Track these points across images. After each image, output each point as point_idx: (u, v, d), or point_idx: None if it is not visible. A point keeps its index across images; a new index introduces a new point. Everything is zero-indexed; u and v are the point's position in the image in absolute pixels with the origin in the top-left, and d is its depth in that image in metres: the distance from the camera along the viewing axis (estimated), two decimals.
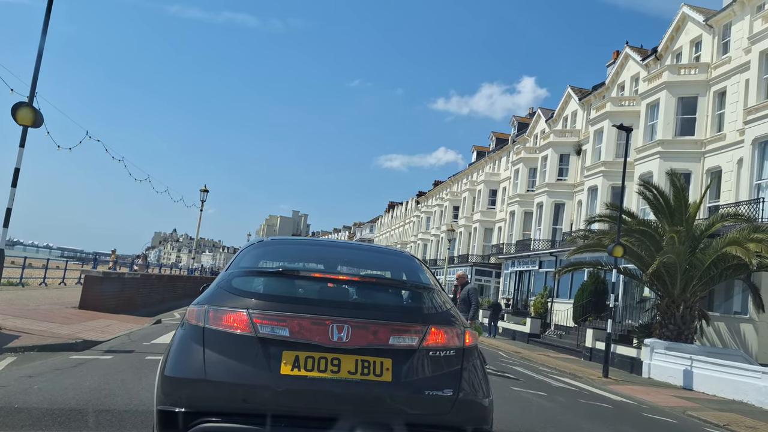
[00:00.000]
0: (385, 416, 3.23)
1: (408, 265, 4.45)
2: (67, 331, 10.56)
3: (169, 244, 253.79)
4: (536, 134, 44.23)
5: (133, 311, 16.34)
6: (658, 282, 18.79)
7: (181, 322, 3.59)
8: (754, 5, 22.95)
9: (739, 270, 17.37)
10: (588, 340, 22.33)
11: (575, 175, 35.76)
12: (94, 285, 15.03)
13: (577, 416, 8.91)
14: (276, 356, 3.21)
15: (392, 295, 3.84)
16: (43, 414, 5.07)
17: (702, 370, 15.49)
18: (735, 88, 23.18)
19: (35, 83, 10.33)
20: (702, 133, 24.46)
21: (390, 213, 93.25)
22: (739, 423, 10.71)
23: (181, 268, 66.20)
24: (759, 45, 20.67)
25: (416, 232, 70.66)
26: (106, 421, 5.09)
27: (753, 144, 20.13)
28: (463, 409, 3.39)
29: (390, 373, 3.28)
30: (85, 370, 7.42)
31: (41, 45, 10.46)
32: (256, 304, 3.38)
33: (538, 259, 35.85)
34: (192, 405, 3.15)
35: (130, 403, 5.81)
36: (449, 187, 64.35)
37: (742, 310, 19.69)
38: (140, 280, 19.47)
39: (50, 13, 10.62)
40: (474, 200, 52.51)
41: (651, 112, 26.56)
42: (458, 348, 3.52)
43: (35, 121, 9.99)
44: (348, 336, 3.28)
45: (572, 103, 38.96)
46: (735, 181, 22.16)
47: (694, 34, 26.80)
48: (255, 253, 4.32)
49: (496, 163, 52.30)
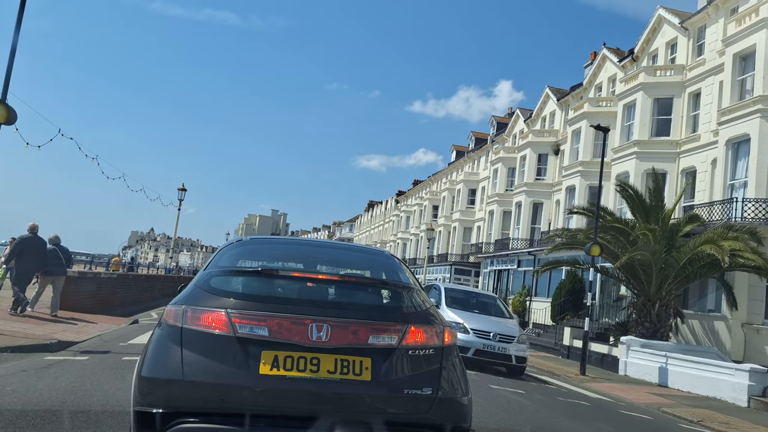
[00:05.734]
0: (365, 415, 3.24)
1: (388, 265, 4.46)
2: (42, 331, 10.39)
3: (147, 243, 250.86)
4: (515, 134, 44.52)
5: (110, 311, 16.12)
6: (634, 280, 19.04)
7: (159, 322, 3.56)
8: (728, 8, 23.35)
9: (713, 268, 17.68)
10: (566, 338, 22.54)
11: (553, 174, 36.07)
12: (69, 285, 14.75)
13: (555, 414, 9.00)
14: (255, 356, 3.20)
15: (372, 295, 3.85)
16: (17, 416, 4.98)
17: (677, 368, 15.72)
18: (709, 90, 23.56)
19: (8, 80, 10.14)
20: (677, 133, 24.83)
21: (369, 212, 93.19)
22: (712, 419, 10.89)
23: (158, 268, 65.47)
24: (733, 47, 21.02)
25: (396, 231, 70.72)
26: (81, 423, 5.02)
27: (727, 145, 20.48)
28: (443, 407, 3.40)
29: (369, 373, 3.29)
30: (60, 371, 7.30)
31: (14, 41, 10.27)
32: (234, 304, 3.37)
33: (517, 258, 36.10)
34: (169, 405, 3.13)
35: (106, 404, 5.74)
36: (429, 187, 64.51)
37: (716, 308, 20.03)
38: (117, 279, 19.23)
39: (24, 6, 10.43)
40: (453, 199, 52.69)
41: (628, 112, 26.89)
42: (437, 347, 3.54)
43: (8, 118, 9.80)
44: (327, 335, 3.28)
45: (550, 103, 39.29)
46: (709, 181, 22.52)
47: (669, 36, 27.19)
48: (234, 253, 4.29)
49: (476, 162, 52.54)
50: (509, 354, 13.45)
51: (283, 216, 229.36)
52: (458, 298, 15.24)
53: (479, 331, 13.45)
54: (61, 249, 13.57)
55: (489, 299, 16.43)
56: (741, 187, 19.90)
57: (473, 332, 13.39)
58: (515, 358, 13.54)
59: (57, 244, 13.55)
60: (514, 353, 13.51)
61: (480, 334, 13.43)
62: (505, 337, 13.58)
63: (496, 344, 13.39)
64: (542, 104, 40.52)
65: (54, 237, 13.67)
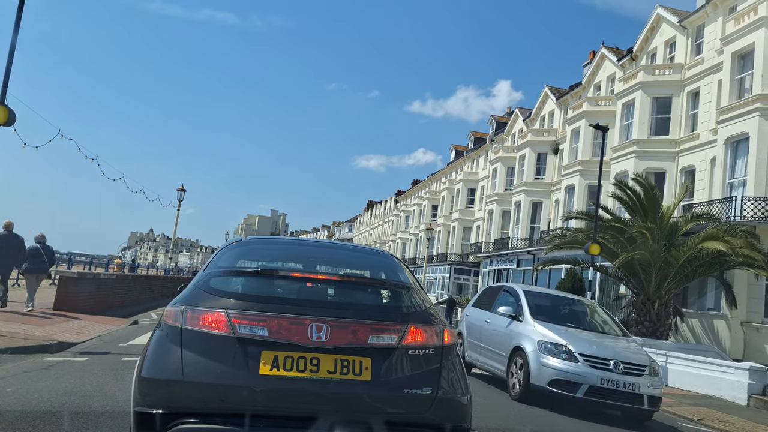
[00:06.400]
0: (365, 415, 3.24)
1: (387, 264, 4.46)
2: (41, 332, 10.38)
3: (146, 244, 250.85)
4: (514, 133, 44.55)
5: (110, 312, 16.11)
6: (633, 279, 19.06)
7: (158, 323, 3.56)
8: (726, 7, 23.36)
9: (712, 267, 17.69)
10: None
11: (553, 174, 36.09)
12: (68, 285, 14.78)
13: (555, 414, 8.99)
14: (255, 356, 3.20)
15: (371, 295, 3.85)
16: (17, 417, 4.98)
17: (677, 366, 15.72)
18: (708, 89, 23.58)
19: (7, 80, 10.14)
20: (676, 132, 24.85)
21: (369, 212, 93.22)
22: (712, 417, 10.89)
23: (158, 268, 65.49)
24: (731, 46, 21.03)
25: (395, 231, 70.74)
26: (81, 424, 5.02)
27: (726, 143, 20.49)
28: (442, 407, 3.41)
29: (369, 373, 3.29)
30: (60, 372, 7.30)
31: (13, 41, 10.27)
32: (234, 304, 3.37)
33: (516, 258, 36.12)
34: (169, 406, 3.13)
35: (106, 405, 5.74)
36: (428, 186, 64.52)
37: (716, 306, 20.04)
38: (116, 280, 19.21)
39: (23, 7, 10.43)
40: (453, 199, 52.71)
41: (627, 111, 26.91)
42: (437, 347, 3.54)
43: (8, 119, 9.82)
44: (327, 335, 3.28)
45: (549, 102, 39.31)
46: (708, 179, 22.54)
47: (668, 35, 27.21)
48: (233, 253, 4.29)
49: (475, 162, 52.57)
50: (640, 393, 8.87)
51: (283, 216, 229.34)
52: (544, 306, 10.77)
53: (594, 359, 8.96)
54: (45, 248, 13.76)
55: (585, 307, 11.67)
56: (740, 185, 19.92)
57: (584, 359, 8.92)
58: (648, 399, 8.96)
59: (42, 243, 13.74)
60: (647, 392, 8.94)
61: (595, 363, 8.91)
62: (631, 367, 9.02)
63: (621, 378, 8.81)
64: (541, 103, 40.55)
65: (40, 236, 13.88)
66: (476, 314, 11.94)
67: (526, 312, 10.14)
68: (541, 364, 8.95)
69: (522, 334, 9.69)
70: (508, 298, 11.08)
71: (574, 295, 13.79)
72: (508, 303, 10.77)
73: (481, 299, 12.74)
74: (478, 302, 12.60)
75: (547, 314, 10.29)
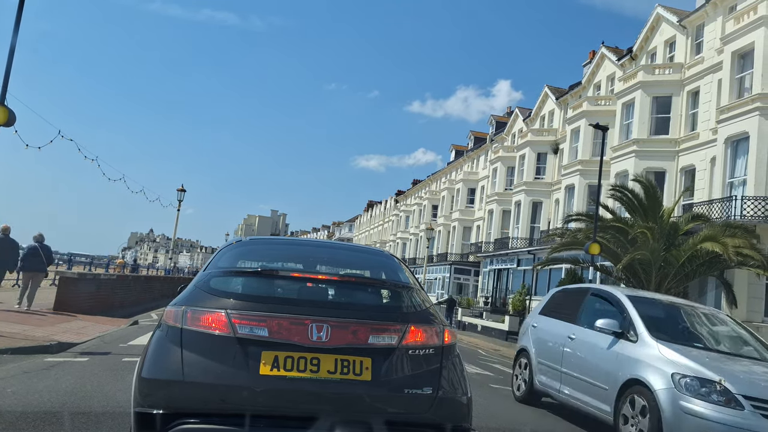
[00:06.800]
0: (365, 415, 3.24)
1: (387, 264, 4.46)
2: (42, 333, 10.38)
3: (146, 244, 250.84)
4: (514, 133, 44.55)
5: (110, 312, 16.12)
6: (633, 278, 19.05)
7: (159, 324, 3.56)
8: (726, 6, 23.36)
9: (712, 266, 17.70)
10: None
11: (553, 173, 36.09)
12: (68, 286, 14.79)
13: (556, 414, 8.99)
14: (255, 356, 3.20)
15: (371, 295, 3.85)
16: (17, 417, 4.98)
17: None
18: (708, 88, 23.58)
19: (7, 81, 10.14)
20: (676, 132, 24.85)
21: (369, 212, 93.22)
22: None
23: (158, 269, 65.52)
24: (731, 45, 21.03)
25: (395, 231, 70.73)
26: (82, 424, 5.03)
27: (725, 143, 20.49)
28: (443, 407, 3.41)
29: (369, 373, 3.29)
30: (60, 373, 7.30)
31: (13, 41, 10.27)
32: (234, 305, 3.37)
33: (516, 258, 36.12)
34: (170, 406, 3.13)
35: (106, 405, 5.74)
36: (428, 186, 64.52)
37: (716, 306, 20.02)
38: (116, 280, 19.22)
39: (23, 7, 10.43)
40: (453, 199, 52.71)
41: (626, 111, 26.91)
42: (437, 346, 3.54)
43: (8, 119, 9.82)
44: (327, 336, 3.28)
45: (549, 102, 39.31)
46: (708, 179, 22.54)
47: (668, 34, 27.21)
48: (233, 253, 4.29)
49: (475, 161, 52.57)
50: None
51: (283, 216, 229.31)
52: (659, 318, 7.58)
53: (763, 403, 5.71)
54: (43, 248, 13.95)
55: (713, 320, 8.15)
56: (740, 185, 19.92)
57: (752, 405, 5.67)
58: None
59: (40, 242, 13.93)
60: None
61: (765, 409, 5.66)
62: None
63: None
64: (541, 103, 40.55)
65: (38, 235, 14.05)
66: (551, 326, 8.80)
67: (641, 328, 7.00)
68: (681, 410, 5.80)
69: (640, 361, 6.58)
70: (605, 307, 8.05)
71: (684, 300, 10.47)
72: (608, 314, 7.61)
73: (556, 306, 9.21)
74: (552, 310, 9.19)
75: (668, 331, 7.16)
